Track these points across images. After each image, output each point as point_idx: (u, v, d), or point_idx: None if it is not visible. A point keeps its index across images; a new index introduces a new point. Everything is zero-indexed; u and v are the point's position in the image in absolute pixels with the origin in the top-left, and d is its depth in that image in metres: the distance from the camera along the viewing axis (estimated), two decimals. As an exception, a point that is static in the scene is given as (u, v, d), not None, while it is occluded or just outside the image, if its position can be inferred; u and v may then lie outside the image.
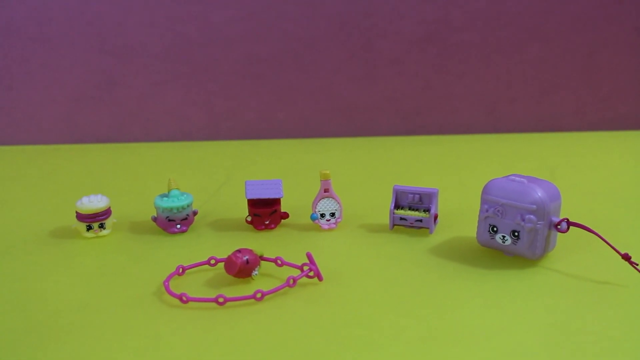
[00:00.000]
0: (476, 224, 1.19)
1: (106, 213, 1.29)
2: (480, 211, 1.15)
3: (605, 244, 1.10)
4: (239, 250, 1.09)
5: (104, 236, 1.30)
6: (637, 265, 1.07)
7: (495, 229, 1.13)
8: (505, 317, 0.99)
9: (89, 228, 1.29)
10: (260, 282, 1.10)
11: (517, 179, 1.13)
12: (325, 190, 1.28)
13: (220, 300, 1.02)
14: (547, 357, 0.89)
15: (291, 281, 1.06)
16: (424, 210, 1.27)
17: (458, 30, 1.94)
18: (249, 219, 1.31)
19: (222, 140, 2.02)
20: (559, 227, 1.10)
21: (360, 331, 0.96)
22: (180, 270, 1.13)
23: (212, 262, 1.15)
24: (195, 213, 1.33)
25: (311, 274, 1.09)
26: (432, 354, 0.91)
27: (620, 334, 0.94)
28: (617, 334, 0.94)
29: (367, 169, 1.72)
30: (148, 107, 2.01)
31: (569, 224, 1.10)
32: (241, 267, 1.07)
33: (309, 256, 1.09)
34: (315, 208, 1.29)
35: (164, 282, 1.08)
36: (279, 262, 1.14)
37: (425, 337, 0.94)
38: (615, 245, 1.09)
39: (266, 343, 0.94)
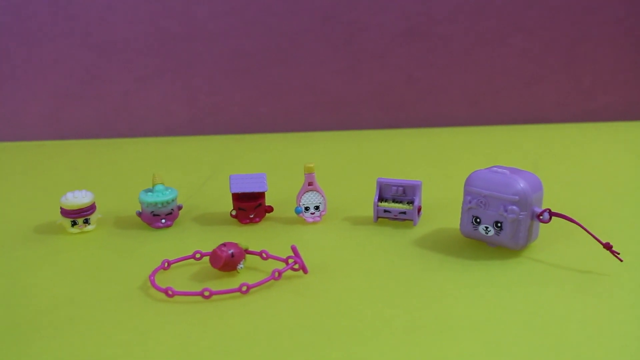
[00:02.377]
0: (459, 216, 1.20)
1: (91, 208, 1.29)
2: (464, 203, 1.16)
3: (587, 233, 1.11)
4: (224, 244, 1.09)
5: (89, 232, 1.30)
6: (619, 254, 1.08)
7: (478, 220, 1.14)
8: (489, 306, 1.00)
9: (74, 224, 1.29)
10: (245, 275, 1.10)
11: (500, 170, 1.14)
12: (310, 184, 1.29)
13: (206, 293, 1.02)
14: (531, 346, 0.90)
15: (276, 274, 1.07)
16: (408, 203, 1.28)
17: (440, 23, 1.95)
18: (234, 212, 1.31)
19: (206, 135, 2.02)
20: (541, 217, 1.11)
21: (346, 322, 0.97)
22: (166, 264, 1.13)
23: (198, 256, 1.16)
24: (179, 208, 1.33)
25: (296, 266, 1.09)
26: (418, 344, 0.91)
27: (603, 322, 0.95)
28: (599, 322, 0.95)
29: (351, 162, 1.72)
30: (132, 103, 2.01)
31: (551, 214, 1.11)
32: (226, 260, 1.07)
33: (293, 249, 1.10)
34: (300, 201, 1.30)
35: (150, 277, 1.08)
36: (264, 255, 1.14)
37: (411, 328, 0.95)
38: (596, 235, 1.10)
39: (253, 335, 0.94)
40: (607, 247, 1.09)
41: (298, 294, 1.05)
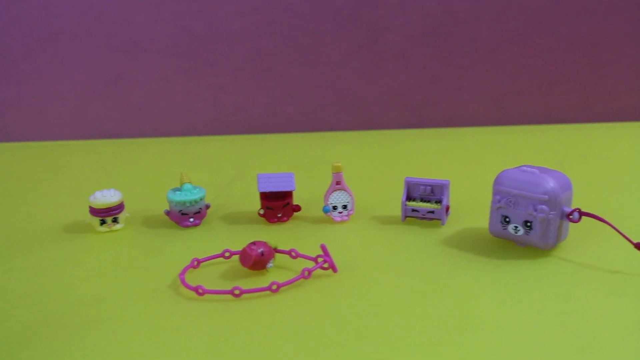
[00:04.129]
0: (487, 215, 1.20)
1: (119, 207, 1.30)
2: (493, 202, 1.15)
3: (617, 233, 1.10)
4: (253, 243, 1.09)
5: (118, 230, 1.31)
6: (650, 254, 1.08)
7: (507, 219, 1.14)
8: (519, 306, 1.00)
9: (103, 222, 1.29)
10: (275, 274, 1.11)
11: (529, 169, 1.13)
12: (337, 183, 1.29)
13: (236, 292, 1.02)
14: (561, 346, 0.90)
15: (306, 273, 1.07)
16: (436, 202, 1.28)
17: (464, 22, 1.94)
18: (262, 212, 1.32)
19: (229, 134, 2.03)
20: (571, 217, 1.10)
21: (375, 321, 0.97)
22: (195, 263, 1.13)
23: (227, 254, 1.16)
24: (207, 207, 1.33)
25: (325, 265, 1.10)
26: (447, 344, 0.91)
27: (634, 322, 0.95)
28: (630, 322, 0.95)
29: (376, 161, 1.72)
30: (156, 103, 2.02)
31: (581, 213, 1.10)
32: (256, 259, 1.08)
33: (323, 248, 1.10)
34: (328, 200, 1.30)
35: (180, 275, 1.08)
36: (293, 254, 1.14)
37: (440, 327, 0.95)
38: (627, 234, 1.10)
39: (282, 334, 0.94)
40: (638, 246, 1.09)
41: (327, 293, 1.05)
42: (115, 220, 1.30)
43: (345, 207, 1.31)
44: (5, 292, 1.09)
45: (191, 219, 1.30)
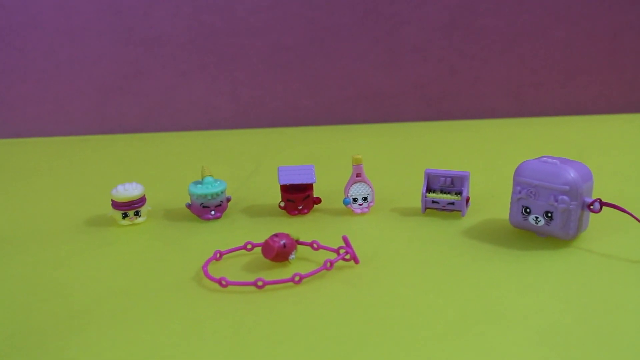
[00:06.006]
0: (507, 206, 1.20)
1: (141, 201, 1.31)
2: (513, 193, 1.16)
3: (638, 223, 1.10)
4: (275, 235, 1.10)
5: (140, 224, 1.32)
6: (671, 243, 1.08)
7: (528, 210, 1.14)
8: (540, 297, 1.00)
9: (125, 216, 1.30)
10: (297, 265, 1.11)
11: (550, 160, 1.13)
12: (358, 175, 1.29)
13: (259, 283, 1.03)
14: (583, 337, 0.90)
15: (328, 264, 1.07)
16: (456, 193, 1.28)
17: (482, 14, 1.94)
18: (282, 204, 1.32)
19: (249, 128, 2.03)
20: (591, 207, 1.11)
21: (397, 312, 0.97)
22: (218, 255, 1.14)
23: (249, 247, 1.17)
24: (228, 200, 1.34)
25: (347, 257, 1.10)
26: (469, 334, 0.92)
27: (657, 312, 0.95)
28: (653, 311, 0.95)
29: (395, 154, 1.73)
30: (175, 97, 2.03)
31: (602, 204, 1.10)
32: (278, 251, 1.08)
33: (345, 239, 1.10)
34: (348, 193, 1.31)
35: (203, 267, 1.09)
36: (315, 245, 1.15)
37: (462, 318, 0.95)
38: (648, 225, 1.10)
39: (306, 325, 0.95)
40: (660, 236, 1.09)
41: (350, 284, 1.05)
42: (137, 214, 1.31)
43: (365, 199, 1.31)
44: (31, 285, 1.10)
45: (212, 212, 1.31)
